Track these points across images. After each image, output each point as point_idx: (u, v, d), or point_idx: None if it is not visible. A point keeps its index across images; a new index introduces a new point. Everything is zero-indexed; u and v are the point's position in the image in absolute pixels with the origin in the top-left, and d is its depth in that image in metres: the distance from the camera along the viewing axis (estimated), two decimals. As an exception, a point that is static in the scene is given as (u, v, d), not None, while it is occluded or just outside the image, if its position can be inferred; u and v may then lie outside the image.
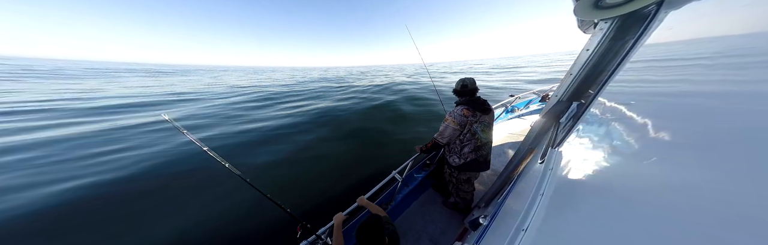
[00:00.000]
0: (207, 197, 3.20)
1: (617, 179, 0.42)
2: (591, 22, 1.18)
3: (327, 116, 7.00)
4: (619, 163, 0.45)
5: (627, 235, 0.30)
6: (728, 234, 0.19)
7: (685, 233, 0.22)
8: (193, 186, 3.43)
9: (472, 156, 1.46)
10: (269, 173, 3.79)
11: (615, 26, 0.92)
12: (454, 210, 1.87)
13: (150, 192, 3.29)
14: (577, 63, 1.05)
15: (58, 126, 6.33)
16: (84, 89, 16.73)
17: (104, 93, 13.48)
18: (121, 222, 2.79)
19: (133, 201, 3.15)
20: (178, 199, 3.17)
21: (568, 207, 0.53)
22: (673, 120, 0.36)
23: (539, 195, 0.68)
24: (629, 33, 0.89)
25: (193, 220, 2.77)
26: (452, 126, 1.39)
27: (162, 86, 18.18)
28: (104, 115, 7.67)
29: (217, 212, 2.91)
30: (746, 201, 0.18)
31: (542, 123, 1.25)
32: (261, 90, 15.06)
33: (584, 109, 0.90)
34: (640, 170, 0.37)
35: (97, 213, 2.89)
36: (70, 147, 4.79)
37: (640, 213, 0.30)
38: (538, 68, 26.80)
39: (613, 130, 0.55)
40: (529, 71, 23.07)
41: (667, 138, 0.34)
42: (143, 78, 32.18)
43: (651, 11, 0.75)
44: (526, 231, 0.58)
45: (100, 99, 10.79)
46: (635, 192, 0.34)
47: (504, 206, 1.02)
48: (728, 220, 0.19)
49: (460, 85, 1.43)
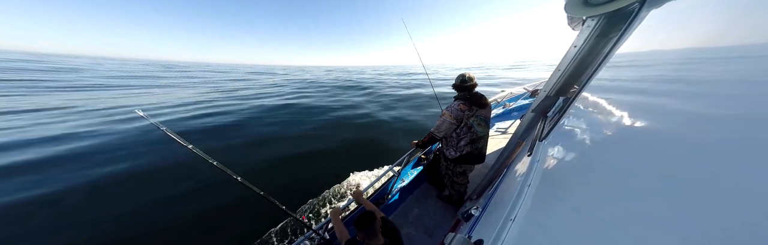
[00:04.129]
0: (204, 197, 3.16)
1: (596, 169, 0.45)
2: (579, 20, 1.20)
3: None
4: (597, 155, 0.49)
5: (605, 222, 0.33)
6: (701, 223, 0.20)
7: (660, 221, 0.24)
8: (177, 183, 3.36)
9: (468, 149, 1.51)
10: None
11: (601, 24, 0.94)
12: (449, 202, 1.94)
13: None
14: (564, 59, 1.09)
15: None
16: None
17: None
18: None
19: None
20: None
21: (551, 196, 0.57)
22: (648, 114, 0.39)
23: (526, 185, 0.72)
24: (613, 31, 0.92)
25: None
26: (449, 120, 1.43)
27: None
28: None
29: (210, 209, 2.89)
30: (717, 193, 0.20)
31: (531, 117, 1.29)
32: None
33: (569, 104, 0.94)
34: (616, 161, 0.40)
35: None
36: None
37: (617, 201, 0.33)
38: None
39: (594, 123, 0.59)
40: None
41: (642, 131, 0.37)
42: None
43: (634, 9, 0.78)
44: (514, 221, 0.61)
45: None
46: (612, 182, 0.37)
47: (494, 197, 1.06)
48: (698, 208, 0.21)
49: (460, 80, 1.47)
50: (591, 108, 0.67)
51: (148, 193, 3.23)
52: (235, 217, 2.80)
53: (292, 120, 6.87)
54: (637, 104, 0.44)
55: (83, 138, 5.20)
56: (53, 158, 4.23)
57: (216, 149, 4.62)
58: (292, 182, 3.47)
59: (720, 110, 0.24)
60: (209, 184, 3.37)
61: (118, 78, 27.29)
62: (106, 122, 6.52)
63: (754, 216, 0.16)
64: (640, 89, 0.47)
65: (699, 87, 0.30)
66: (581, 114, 0.74)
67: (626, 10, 0.83)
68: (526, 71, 32.81)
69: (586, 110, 0.71)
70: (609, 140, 0.47)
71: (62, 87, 16.45)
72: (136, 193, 3.25)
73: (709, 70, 0.30)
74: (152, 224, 2.70)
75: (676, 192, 0.24)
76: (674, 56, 0.42)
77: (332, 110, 8.12)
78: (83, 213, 2.92)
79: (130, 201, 3.08)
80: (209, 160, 1.12)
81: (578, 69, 1.07)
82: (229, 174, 1.16)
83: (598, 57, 0.97)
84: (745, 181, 0.18)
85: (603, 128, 0.52)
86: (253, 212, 2.79)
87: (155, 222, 2.72)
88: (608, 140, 0.47)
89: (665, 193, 0.25)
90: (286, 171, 3.82)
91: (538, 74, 24.85)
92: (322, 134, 5.55)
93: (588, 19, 0.99)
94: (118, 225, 2.72)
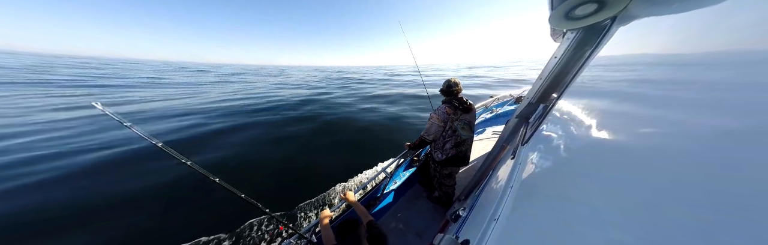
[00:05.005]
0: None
1: (566, 172, 0.50)
2: (560, 32, 1.30)
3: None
4: (569, 158, 0.53)
5: (575, 221, 0.36)
6: (663, 221, 0.21)
7: (624, 220, 0.26)
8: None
9: (453, 152, 1.56)
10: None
11: (578, 37, 1.02)
12: (438, 203, 1.98)
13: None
14: (545, 69, 1.17)
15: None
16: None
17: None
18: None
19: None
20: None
21: (531, 197, 0.60)
22: (614, 121, 0.43)
23: (509, 187, 0.75)
24: (588, 44, 1.01)
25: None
26: (437, 123, 1.48)
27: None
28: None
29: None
30: (680, 193, 0.21)
31: (515, 123, 1.36)
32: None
33: (548, 111, 1.01)
34: (585, 164, 0.44)
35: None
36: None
37: (586, 202, 0.36)
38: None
39: (567, 129, 0.64)
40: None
41: (609, 136, 0.41)
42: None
43: (606, 25, 0.86)
44: (498, 221, 0.64)
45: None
46: (581, 183, 0.41)
47: (480, 198, 1.11)
48: (661, 207, 0.22)
49: (446, 85, 1.52)
50: (565, 116, 0.72)
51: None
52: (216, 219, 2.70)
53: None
54: (604, 112, 0.49)
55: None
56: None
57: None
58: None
59: (678, 115, 0.27)
60: (178, 182, 3.24)
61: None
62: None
63: (718, 214, 0.17)
64: (607, 98, 0.52)
65: (657, 95, 0.34)
66: (557, 121, 0.79)
67: (600, 26, 0.91)
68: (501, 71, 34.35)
69: (561, 117, 0.76)
70: (579, 145, 0.51)
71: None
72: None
73: (667, 80, 0.35)
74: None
75: (639, 192, 0.26)
76: (637, 68, 0.47)
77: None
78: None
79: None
80: (182, 159, 0.97)
81: (557, 78, 1.15)
82: (206, 175, 1.00)
83: (574, 68, 1.05)
84: (707, 181, 0.19)
85: (574, 134, 0.56)
86: (230, 212, 2.71)
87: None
88: (579, 145, 0.51)
89: (629, 193, 0.28)
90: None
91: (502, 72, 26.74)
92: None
93: (568, 32, 1.07)
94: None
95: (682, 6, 0.41)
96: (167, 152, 0.94)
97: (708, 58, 0.28)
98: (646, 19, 0.57)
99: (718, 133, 0.20)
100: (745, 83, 0.21)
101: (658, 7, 0.52)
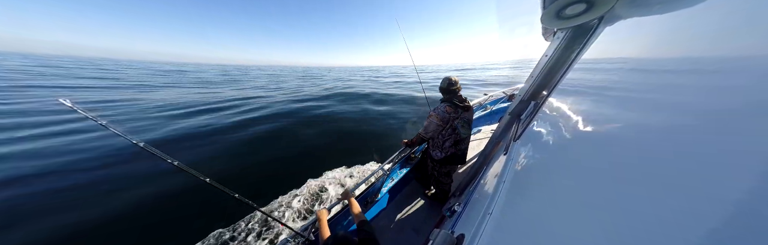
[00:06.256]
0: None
1: (553, 166, 0.52)
2: (551, 32, 1.32)
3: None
4: (557, 153, 0.55)
5: (563, 214, 0.37)
6: (646, 212, 0.22)
7: (607, 212, 0.27)
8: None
9: (453, 150, 1.58)
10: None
11: (568, 36, 1.05)
12: (435, 200, 2.02)
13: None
14: (537, 67, 1.19)
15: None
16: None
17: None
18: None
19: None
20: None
21: (521, 191, 0.62)
22: (599, 117, 0.45)
23: (502, 182, 0.77)
24: (576, 43, 1.04)
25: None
26: (436, 122, 1.48)
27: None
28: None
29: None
30: (660, 186, 0.22)
31: (507, 120, 1.40)
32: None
33: (538, 107, 1.04)
34: (571, 158, 0.46)
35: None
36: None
37: (572, 195, 0.38)
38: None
39: (555, 125, 0.66)
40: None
41: (594, 132, 0.43)
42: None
43: (594, 25, 0.88)
44: (492, 215, 0.65)
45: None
46: (568, 177, 0.43)
47: (474, 193, 1.14)
48: (643, 199, 0.23)
49: (446, 83, 1.51)
50: (554, 113, 0.75)
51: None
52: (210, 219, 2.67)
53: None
54: (590, 109, 0.51)
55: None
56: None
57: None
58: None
59: (656, 113, 0.29)
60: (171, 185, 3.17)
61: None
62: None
63: (702, 207, 0.17)
64: (593, 95, 0.54)
65: (639, 92, 0.36)
66: (547, 118, 0.81)
67: (588, 25, 0.94)
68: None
69: (550, 115, 0.79)
70: (566, 141, 0.53)
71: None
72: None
73: (647, 78, 0.37)
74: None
75: (622, 184, 0.28)
76: (620, 66, 0.49)
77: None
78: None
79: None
80: (168, 160, 0.90)
81: (548, 76, 1.18)
82: (196, 176, 0.94)
83: (563, 66, 1.08)
84: (688, 176, 0.20)
85: (562, 130, 0.58)
86: (224, 212, 2.68)
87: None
88: (566, 141, 0.53)
89: (612, 186, 0.29)
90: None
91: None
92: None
93: (558, 31, 1.10)
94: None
95: (662, 7, 0.43)
96: (151, 152, 0.86)
97: (684, 60, 0.30)
98: (630, 19, 0.59)
99: (693, 130, 0.22)
100: (717, 86, 0.22)
101: (641, 9, 0.54)
